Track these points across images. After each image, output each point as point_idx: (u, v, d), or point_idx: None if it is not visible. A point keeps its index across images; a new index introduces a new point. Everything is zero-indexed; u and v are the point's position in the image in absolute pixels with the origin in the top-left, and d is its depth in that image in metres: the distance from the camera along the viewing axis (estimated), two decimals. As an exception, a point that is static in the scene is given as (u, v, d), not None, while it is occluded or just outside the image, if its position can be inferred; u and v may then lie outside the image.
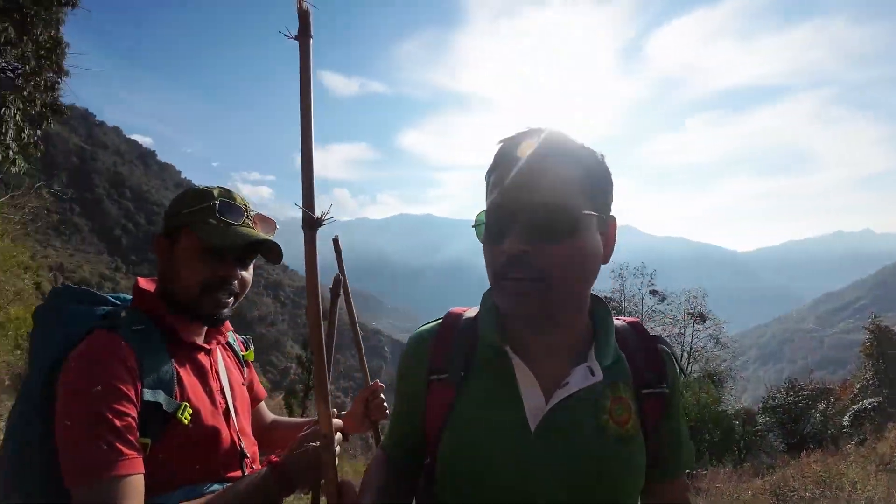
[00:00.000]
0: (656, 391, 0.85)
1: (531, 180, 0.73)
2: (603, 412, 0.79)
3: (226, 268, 1.07)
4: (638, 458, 0.81)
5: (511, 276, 0.74)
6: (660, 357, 0.88)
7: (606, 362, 0.81)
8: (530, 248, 0.72)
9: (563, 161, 0.75)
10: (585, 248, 0.75)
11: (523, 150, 0.74)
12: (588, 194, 0.76)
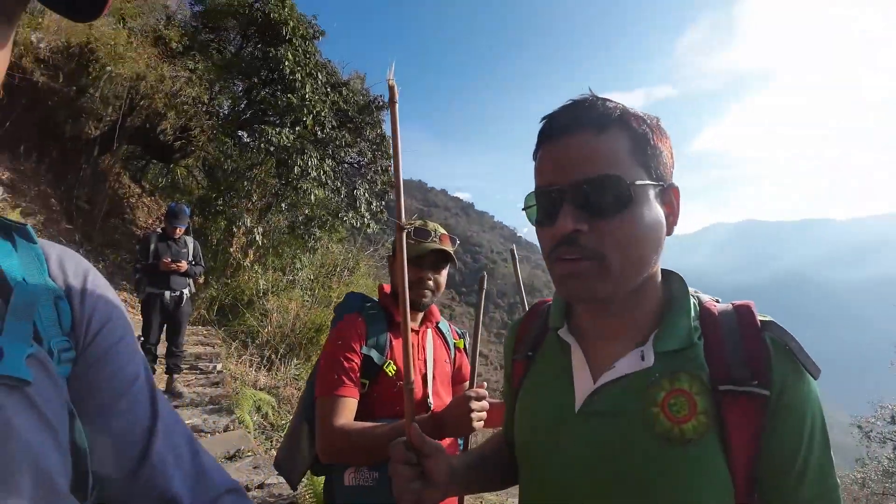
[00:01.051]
0: (744, 390, 0.67)
1: (574, 155, 0.70)
2: (653, 403, 0.70)
3: (422, 272, 1.52)
4: (703, 474, 0.66)
5: (563, 257, 0.71)
6: (762, 349, 0.69)
7: (667, 347, 0.72)
8: (580, 226, 0.69)
9: (606, 132, 0.69)
10: (641, 220, 0.69)
11: (563, 125, 0.71)
12: (640, 164, 0.70)
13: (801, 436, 0.66)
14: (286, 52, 9.71)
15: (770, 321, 0.72)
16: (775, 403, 0.66)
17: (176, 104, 8.80)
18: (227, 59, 10.47)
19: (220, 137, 9.93)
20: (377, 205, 12.94)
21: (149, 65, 7.87)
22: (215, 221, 10.19)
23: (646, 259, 0.71)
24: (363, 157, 12.40)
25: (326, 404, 1.34)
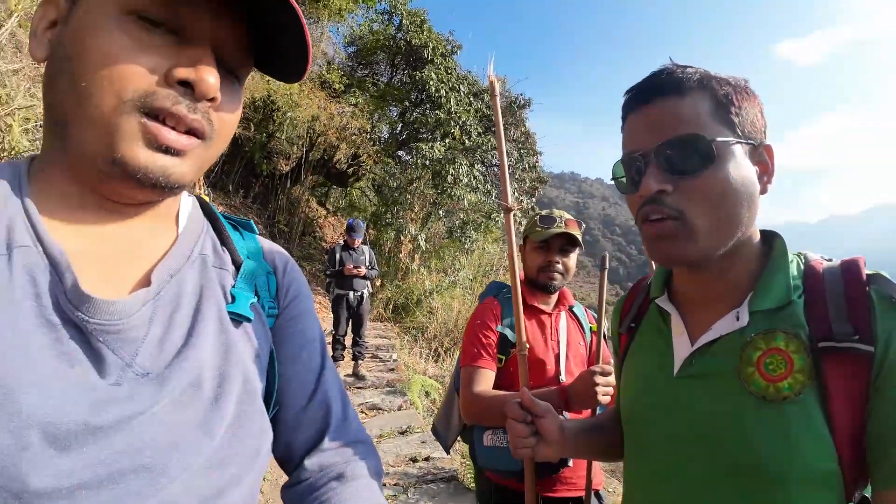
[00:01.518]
0: (845, 347, 0.63)
1: (656, 121, 0.71)
2: (748, 363, 0.69)
3: (550, 255, 1.68)
4: (801, 433, 0.64)
5: (649, 217, 0.71)
6: (866, 303, 0.65)
7: (763, 307, 0.70)
8: (665, 186, 0.69)
9: (686, 96, 0.70)
10: (727, 178, 0.68)
11: (645, 94, 0.73)
12: (723, 123, 0.69)
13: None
14: (430, 73, 10.59)
15: (877, 274, 0.68)
16: (881, 361, 0.63)
17: (345, 136, 10.30)
18: (381, 89, 11.82)
19: (384, 159, 11.25)
20: (527, 202, 13.16)
21: (320, 106, 9.41)
22: (386, 232, 11.56)
23: (735, 217, 0.70)
24: (510, 157, 12.76)
25: (467, 374, 1.56)
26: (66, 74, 0.46)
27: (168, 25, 0.47)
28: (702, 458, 0.72)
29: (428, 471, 3.56)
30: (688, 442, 0.74)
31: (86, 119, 0.45)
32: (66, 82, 0.46)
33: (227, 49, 0.50)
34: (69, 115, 0.46)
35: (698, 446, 0.72)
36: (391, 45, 11.68)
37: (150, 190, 0.49)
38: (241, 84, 0.56)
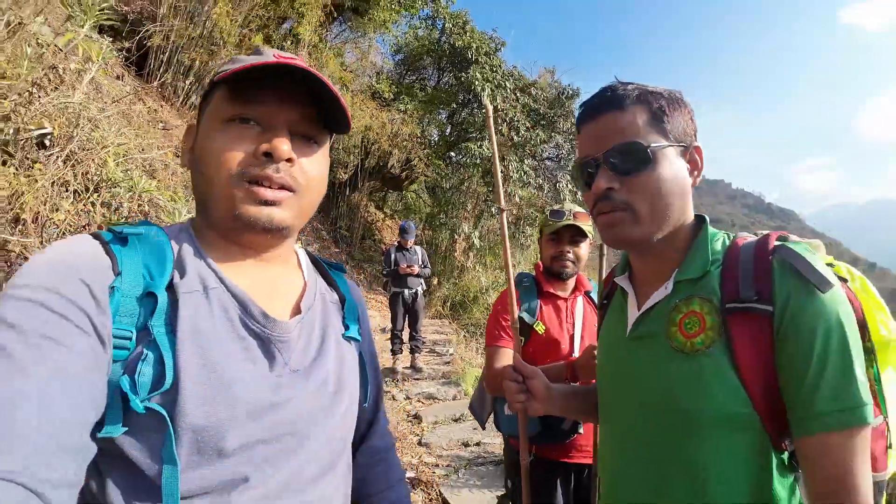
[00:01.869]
0: (747, 307, 0.75)
1: (603, 131, 0.84)
2: (672, 324, 0.83)
3: (561, 246, 1.88)
4: (712, 379, 0.76)
5: (602, 210, 0.84)
6: (769, 270, 0.76)
7: (684, 277, 0.84)
8: (613, 184, 0.82)
9: (627, 109, 0.83)
10: (662, 175, 0.82)
11: (594, 109, 0.86)
12: (658, 131, 0.83)
13: (810, 351, 0.70)
14: (474, 73, 10.75)
15: (783, 245, 0.78)
16: (780, 318, 0.72)
17: (397, 142, 10.72)
18: (429, 93, 12.14)
19: (435, 162, 11.57)
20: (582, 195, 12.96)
21: (372, 116, 9.86)
22: (441, 232, 11.88)
23: (671, 206, 0.83)
24: (560, 149, 12.64)
25: (490, 353, 1.80)
26: (198, 169, 0.68)
27: (255, 121, 0.67)
28: (639, 407, 0.86)
29: (478, 454, 3.77)
30: (632, 395, 0.88)
31: (213, 195, 0.67)
32: (199, 174, 0.68)
33: (298, 126, 0.69)
34: (205, 194, 0.68)
35: (638, 397, 0.86)
36: (436, 49, 11.97)
37: (264, 234, 0.68)
38: (321, 145, 0.73)
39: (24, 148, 2.14)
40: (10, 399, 0.47)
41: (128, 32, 4.90)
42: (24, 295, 0.53)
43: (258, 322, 0.66)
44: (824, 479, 0.70)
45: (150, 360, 0.57)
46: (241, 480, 0.60)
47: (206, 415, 0.58)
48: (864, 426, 0.69)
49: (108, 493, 0.56)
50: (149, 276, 0.61)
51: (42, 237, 2.06)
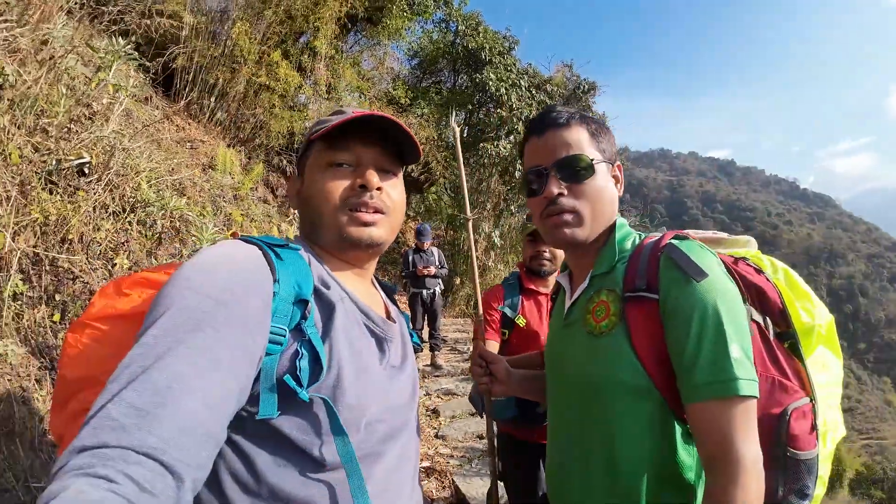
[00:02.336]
0: (638, 295, 0.89)
1: (552, 143, 0.98)
2: (587, 312, 0.97)
3: (538, 246, 2.11)
4: (613, 356, 0.89)
5: (552, 213, 0.97)
6: (656, 264, 0.89)
7: (596, 272, 0.99)
8: (562, 190, 0.96)
9: (572, 127, 0.99)
10: (600, 185, 0.97)
11: (542, 125, 1.01)
12: (596, 148, 0.99)
13: (687, 332, 0.82)
14: (488, 73, 10.88)
15: (670, 243, 0.90)
16: (664, 305, 0.85)
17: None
18: (445, 96, 12.32)
19: (452, 163, 11.74)
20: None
21: (390, 121, 10.11)
22: (462, 232, 12.04)
23: (606, 211, 0.99)
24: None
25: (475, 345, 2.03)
26: (309, 205, 0.84)
27: (347, 164, 0.84)
28: (566, 383, 1.02)
29: (494, 446, 3.92)
30: (561, 373, 1.04)
31: (323, 223, 0.82)
32: (311, 209, 0.84)
33: (379, 162, 0.86)
34: (316, 223, 0.83)
35: (565, 375, 1.02)
36: (451, 51, 12.14)
37: (366, 249, 0.84)
38: (397, 175, 0.91)
39: (66, 177, 2.42)
40: (170, 381, 0.53)
41: (153, 55, 5.24)
42: (201, 288, 0.61)
43: (378, 325, 0.82)
44: (707, 443, 0.80)
45: (307, 357, 0.67)
46: (381, 454, 0.75)
47: (357, 395, 0.71)
48: (741, 397, 0.78)
49: (261, 472, 0.64)
50: (297, 286, 0.71)
51: (87, 254, 2.33)
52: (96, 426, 0.48)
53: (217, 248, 0.70)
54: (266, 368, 0.64)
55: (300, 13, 7.49)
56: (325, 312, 0.74)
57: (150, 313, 0.60)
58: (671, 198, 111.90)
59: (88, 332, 0.83)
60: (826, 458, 0.97)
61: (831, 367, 1.01)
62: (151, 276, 0.88)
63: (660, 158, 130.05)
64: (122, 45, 2.56)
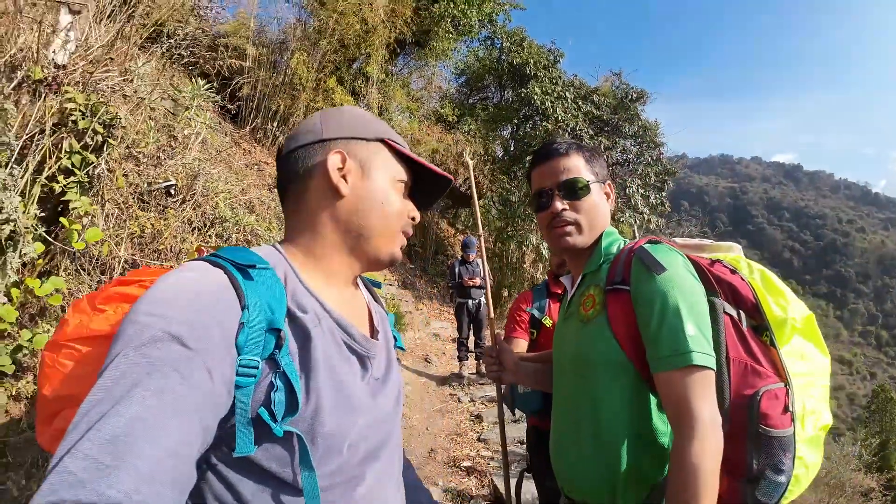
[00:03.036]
0: (616, 288, 1.07)
1: (555, 169, 1.20)
2: (580, 304, 1.16)
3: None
4: (596, 338, 1.08)
5: (556, 226, 1.18)
6: (629, 262, 1.08)
7: (586, 271, 1.19)
8: (564, 206, 1.17)
9: (570, 155, 1.20)
10: (596, 202, 1.19)
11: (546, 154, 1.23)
12: (590, 171, 1.20)
13: (651, 314, 0.99)
14: (533, 88, 11.03)
15: (643, 246, 1.08)
16: (634, 295, 1.03)
17: (463, 162, 11.25)
18: (491, 112, 12.58)
19: (499, 177, 11.94)
20: (656, 197, 12.61)
21: (438, 139, 10.50)
22: (509, 244, 12.17)
23: (601, 222, 1.19)
24: (628, 153, 12.47)
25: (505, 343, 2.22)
26: (368, 210, 0.81)
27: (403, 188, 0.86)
28: (565, 365, 1.20)
29: (535, 450, 4.03)
30: (562, 357, 1.22)
31: (381, 233, 0.82)
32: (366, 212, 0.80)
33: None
34: (373, 231, 0.81)
35: (566, 357, 1.20)
36: (497, 67, 12.42)
37: (392, 265, 0.87)
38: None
39: (156, 197, 2.85)
40: (128, 428, 0.50)
41: (221, 85, 5.84)
42: (159, 325, 0.57)
43: (360, 343, 0.79)
44: (671, 407, 0.95)
45: (282, 390, 0.64)
46: (360, 476, 0.73)
47: (337, 425, 0.69)
48: (696, 367, 0.93)
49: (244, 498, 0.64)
50: (269, 311, 0.66)
51: (176, 262, 2.74)
52: (54, 482, 0.47)
53: (177, 277, 0.64)
54: (241, 402, 0.61)
55: (353, 42, 8.03)
56: (300, 339, 0.70)
57: (110, 350, 0.57)
58: (734, 206, 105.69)
59: (65, 353, 0.79)
60: (809, 442, 1.05)
61: (812, 359, 1.12)
62: (124, 289, 0.83)
63: (720, 164, 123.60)
64: (202, 86, 2.98)
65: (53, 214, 2.01)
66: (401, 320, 6.47)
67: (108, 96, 2.19)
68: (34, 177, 1.87)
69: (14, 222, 1.54)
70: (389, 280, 8.62)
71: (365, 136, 0.83)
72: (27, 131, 2.00)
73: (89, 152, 1.89)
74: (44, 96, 2.12)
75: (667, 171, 13.14)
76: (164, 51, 4.03)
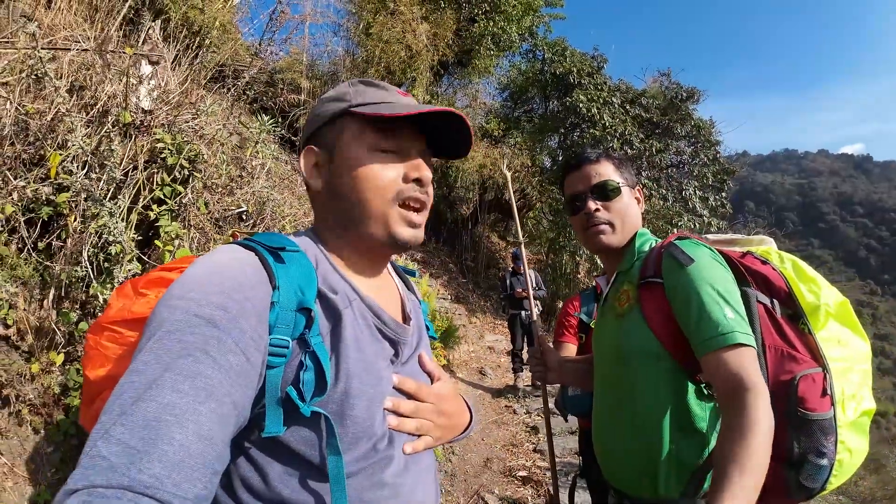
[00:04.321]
0: (650, 281, 1.14)
1: (588, 174, 1.29)
2: (615, 300, 1.24)
3: None
4: (632, 330, 1.15)
5: (591, 225, 1.26)
6: (659, 257, 1.15)
7: (620, 269, 1.27)
8: (598, 206, 1.25)
9: (601, 162, 1.30)
10: (627, 203, 1.27)
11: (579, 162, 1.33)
12: (619, 176, 1.29)
13: (688, 303, 1.04)
14: (578, 96, 10.98)
15: (672, 242, 1.15)
16: (667, 287, 1.10)
17: (511, 175, 11.36)
18: (537, 124, 12.61)
19: (548, 188, 11.90)
20: (716, 199, 12.09)
21: (485, 154, 10.66)
22: (561, 255, 12.05)
23: (633, 223, 1.27)
24: (682, 154, 12.07)
25: (555, 346, 2.30)
26: (348, 192, 0.75)
27: (394, 152, 0.76)
28: (604, 356, 1.27)
29: (594, 461, 3.99)
30: (602, 349, 1.29)
31: (370, 214, 0.74)
32: (346, 198, 0.75)
33: (427, 156, 0.81)
34: (354, 216, 0.75)
35: (604, 349, 1.28)
36: (540, 79, 12.47)
37: (404, 251, 0.81)
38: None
39: (230, 222, 3.15)
40: (160, 413, 0.50)
41: (281, 118, 6.29)
42: (191, 308, 0.57)
43: (391, 328, 0.77)
44: (722, 383, 0.98)
45: (311, 370, 0.64)
46: (389, 458, 0.71)
47: (366, 407, 0.68)
48: (741, 344, 0.97)
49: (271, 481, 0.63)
50: (300, 291, 0.66)
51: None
52: (87, 466, 0.47)
53: (209, 260, 0.65)
54: (271, 381, 0.62)
55: (398, 68, 8.40)
56: (331, 320, 0.69)
57: (143, 333, 0.58)
58: (802, 203, 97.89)
59: (107, 335, 0.81)
60: (852, 426, 1.05)
61: (849, 344, 1.12)
62: (166, 274, 0.86)
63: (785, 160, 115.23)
64: (266, 121, 3.29)
65: (146, 238, 2.31)
66: (454, 333, 6.57)
67: (190, 135, 2.49)
68: (131, 206, 2.17)
69: (120, 243, 1.81)
70: (443, 294, 8.78)
71: (325, 119, 0.79)
72: (121, 168, 2.32)
73: (178, 184, 2.17)
74: (133, 137, 2.46)
75: (725, 170, 12.58)
76: (230, 90, 4.44)
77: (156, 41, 3.32)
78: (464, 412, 0.91)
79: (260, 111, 3.71)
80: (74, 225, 2.08)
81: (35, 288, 2.19)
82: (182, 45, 3.59)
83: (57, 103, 2.26)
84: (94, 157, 2.20)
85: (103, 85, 2.55)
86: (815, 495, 1.02)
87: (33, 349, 2.11)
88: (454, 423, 0.86)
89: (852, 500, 6.40)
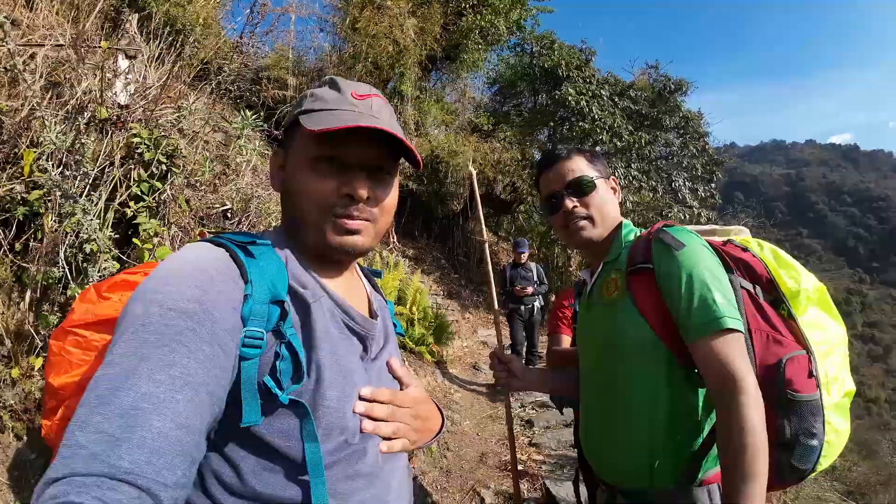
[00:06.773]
0: (639, 268, 1.12)
1: (562, 172, 1.28)
2: (603, 290, 1.22)
3: None
4: (623, 319, 1.13)
5: (572, 220, 1.25)
6: (649, 245, 1.14)
7: (607, 259, 1.24)
8: (574, 203, 1.24)
9: (572, 158, 1.28)
10: (603, 196, 1.26)
11: (552, 160, 1.31)
12: (593, 169, 1.27)
13: (679, 288, 1.04)
14: (567, 89, 10.96)
15: (661, 228, 1.15)
16: (658, 273, 1.09)
17: (501, 169, 11.32)
18: (526, 118, 12.59)
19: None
20: (705, 190, 12.15)
21: (475, 149, 10.60)
22: (553, 249, 12.05)
23: (611, 214, 1.27)
24: (671, 146, 12.11)
25: (549, 339, 2.32)
26: (292, 199, 0.77)
27: (335, 159, 0.74)
28: (591, 347, 1.25)
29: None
30: (587, 341, 1.29)
31: (307, 224, 0.75)
32: (292, 203, 0.77)
33: (372, 161, 0.77)
34: (297, 221, 0.77)
35: (590, 341, 1.27)
36: (528, 73, 12.44)
37: (347, 255, 0.78)
38: (392, 174, 0.81)
39: (214, 220, 3.09)
40: (137, 402, 0.50)
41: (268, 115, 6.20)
42: (165, 302, 0.58)
43: (359, 324, 0.79)
44: (711, 371, 0.98)
45: (287, 359, 0.66)
46: (362, 452, 0.72)
47: (337, 398, 0.69)
48: (730, 330, 0.98)
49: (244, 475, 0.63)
50: (273, 285, 0.68)
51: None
52: (66, 456, 0.47)
53: (181, 256, 0.67)
54: (246, 373, 0.63)
55: (386, 63, 8.31)
56: (302, 313, 0.71)
57: (117, 329, 0.59)
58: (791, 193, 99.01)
59: (71, 340, 0.80)
60: (836, 408, 1.07)
61: (827, 328, 1.14)
62: (130, 277, 0.86)
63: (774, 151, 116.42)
64: (249, 116, 3.22)
65: (125, 236, 2.25)
66: (447, 329, 6.53)
67: (168, 130, 2.43)
68: (107, 203, 2.11)
69: (94, 241, 1.75)
70: (435, 290, 8.74)
71: (287, 124, 0.81)
72: (98, 164, 2.26)
73: (155, 180, 2.11)
74: (110, 133, 2.39)
75: (714, 161, 12.66)
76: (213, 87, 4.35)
77: (133, 35, 3.24)
78: (436, 416, 0.93)
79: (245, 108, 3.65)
80: (50, 224, 2.02)
81: (12, 290, 2.13)
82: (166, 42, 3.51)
83: (31, 100, 2.20)
84: (69, 155, 2.13)
85: (79, 81, 2.48)
86: (805, 477, 1.04)
87: (12, 354, 2.05)
88: (428, 427, 0.88)
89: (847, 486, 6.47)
